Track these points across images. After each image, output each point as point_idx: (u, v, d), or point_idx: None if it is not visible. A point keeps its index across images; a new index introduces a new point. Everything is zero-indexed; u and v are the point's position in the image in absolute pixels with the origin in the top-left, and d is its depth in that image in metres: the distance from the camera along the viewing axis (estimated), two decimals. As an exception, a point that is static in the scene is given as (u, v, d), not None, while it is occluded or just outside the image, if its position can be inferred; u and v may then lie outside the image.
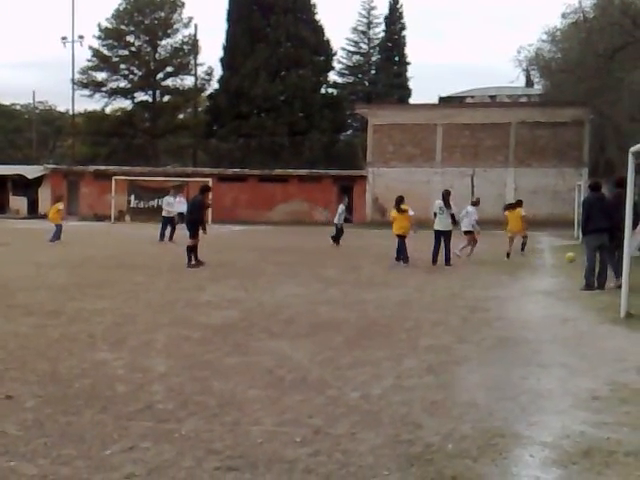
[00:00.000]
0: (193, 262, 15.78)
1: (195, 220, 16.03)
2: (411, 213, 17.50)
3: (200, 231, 15.92)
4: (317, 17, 55.90)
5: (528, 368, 6.55)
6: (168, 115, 59.71)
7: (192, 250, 15.85)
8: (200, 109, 58.10)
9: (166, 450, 4.37)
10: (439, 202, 17.40)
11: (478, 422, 4.90)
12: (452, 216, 17.09)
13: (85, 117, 58.80)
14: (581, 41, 26.51)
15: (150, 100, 59.23)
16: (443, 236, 16.86)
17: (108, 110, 60.37)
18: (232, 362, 6.70)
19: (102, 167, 45.48)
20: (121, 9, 57.34)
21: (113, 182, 40.63)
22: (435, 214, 17.41)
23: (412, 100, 61.65)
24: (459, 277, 14.60)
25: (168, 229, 23.69)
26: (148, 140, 53.76)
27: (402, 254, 16.99)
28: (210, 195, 18.38)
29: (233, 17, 53.16)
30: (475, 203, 20.35)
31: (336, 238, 23.26)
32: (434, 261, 16.79)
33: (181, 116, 62.27)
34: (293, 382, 5.99)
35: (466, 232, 19.11)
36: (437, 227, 17.06)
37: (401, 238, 17.14)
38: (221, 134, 51.70)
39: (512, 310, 10.31)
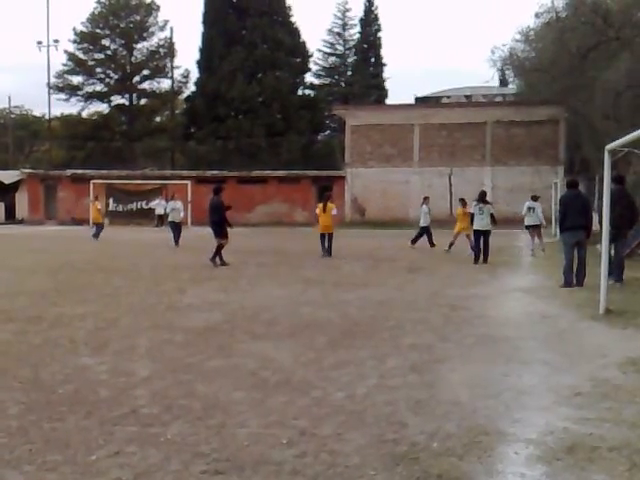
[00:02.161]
0: (219, 261, 16.55)
1: (220, 221, 16.97)
2: (334, 212, 19.21)
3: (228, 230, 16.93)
4: (293, 19, 56.29)
5: (510, 365, 6.60)
6: (145, 118, 59.54)
7: (221, 248, 16.70)
8: (177, 112, 57.97)
9: (152, 454, 4.35)
10: (477, 202, 17.84)
11: (462, 420, 4.93)
12: (492, 215, 17.54)
13: (61, 121, 58.49)
14: (554, 40, 26.69)
15: (127, 103, 59.04)
16: (483, 235, 17.33)
17: (84, 114, 60.29)
18: (215, 365, 6.69)
19: (79, 171, 45.19)
20: (96, 13, 57.11)
21: (91, 186, 40.36)
22: (473, 214, 17.85)
23: (389, 101, 62.07)
24: (439, 276, 14.68)
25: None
26: (125, 143, 53.51)
27: (328, 249, 18.93)
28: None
29: (209, 20, 53.13)
30: (536, 198, 21.56)
31: (429, 239, 22.36)
32: (476, 260, 17.22)
33: (158, 119, 62.14)
34: (277, 384, 5.99)
35: (533, 226, 20.22)
36: (476, 227, 17.54)
37: (326, 235, 18.99)
38: (199, 136, 51.61)
39: (492, 308, 10.38)
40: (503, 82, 48.62)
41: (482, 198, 17.83)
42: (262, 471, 4.08)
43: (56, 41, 52.56)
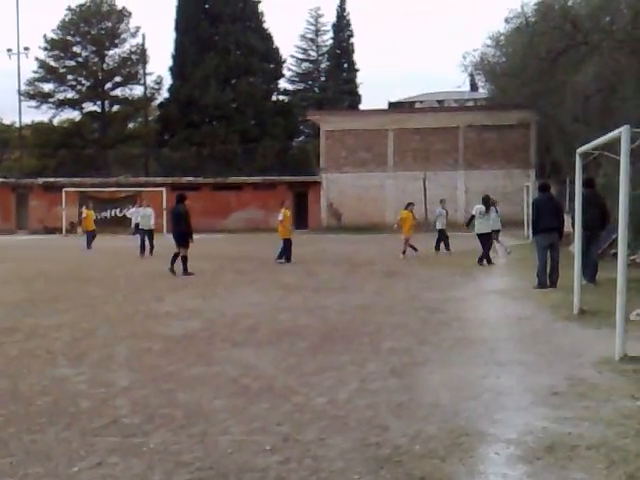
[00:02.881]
0: (171, 269, 16.28)
1: (186, 231, 16.51)
2: (280, 218, 19.41)
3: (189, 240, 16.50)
4: (265, 25, 56.21)
5: (487, 367, 6.67)
6: (118, 125, 59.08)
7: (180, 258, 16.30)
8: (150, 118, 57.63)
9: (135, 465, 4.33)
10: (480, 206, 18.12)
11: (443, 422, 4.99)
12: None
13: (33, 129, 57.84)
14: (524, 45, 26.98)
15: (99, 110, 58.56)
16: (486, 238, 17.82)
17: (56, 121, 59.62)
18: (196, 373, 6.68)
19: (51, 179, 44.76)
20: (67, 20, 56.64)
21: (63, 194, 40.02)
22: (472, 217, 18.34)
23: (362, 106, 62.30)
24: (416, 280, 14.77)
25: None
26: (98, 151, 53.04)
27: (286, 253, 18.95)
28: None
29: (181, 26, 52.98)
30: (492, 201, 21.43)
31: (445, 244, 21.83)
32: (480, 262, 17.65)
33: (131, 126, 61.65)
34: (259, 390, 6.00)
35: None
36: (479, 231, 17.87)
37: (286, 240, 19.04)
38: (173, 143, 51.38)
39: (469, 310, 10.49)
40: (474, 87, 49.09)
41: (486, 202, 18.18)
42: (246, 478, 4.09)
43: (26, 48, 52.03)
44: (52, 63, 57.07)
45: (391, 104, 51.43)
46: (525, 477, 4.01)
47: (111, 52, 58.07)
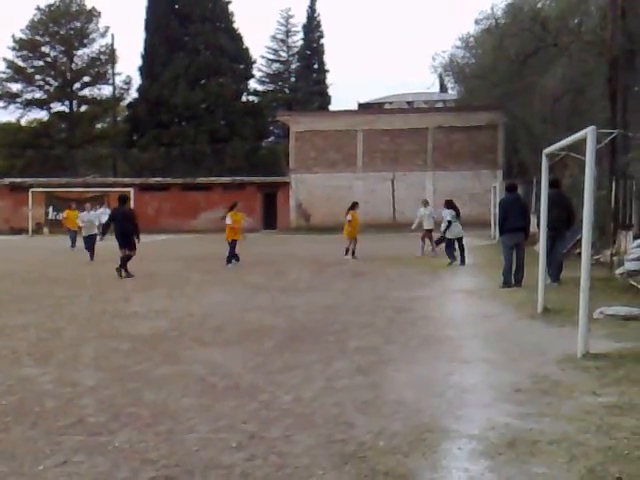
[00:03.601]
0: (124, 273, 15.88)
1: (131, 232, 16.11)
2: (228, 222, 18.70)
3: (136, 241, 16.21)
4: (235, 25, 56.03)
5: (452, 364, 6.76)
6: (86, 125, 58.55)
7: (129, 259, 16.07)
8: (119, 118, 57.18)
9: (100, 463, 4.34)
10: (450, 211, 18.22)
11: (408, 419, 5.05)
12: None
13: (0, 129, 57.07)
14: (494, 47, 27.18)
15: (67, 110, 57.98)
16: (459, 241, 18.04)
17: (23, 121, 58.94)
18: (163, 372, 6.68)
19: (18, 179, 44.25)
20: (36, 20, 56.04)
21: (30, 194, 39.56)
22: (450, 223, 18.16)
23: (332, 107, 62.35)
24: (384, 279, 14.86)
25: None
26: (66, 151, 52.46)
27: (232, 254, 18.35)
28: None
29: (151, 26, 52.66)
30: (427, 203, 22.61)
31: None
32: (463, 263, 17.89)
33: (100, 126, 61.11)
34: (226, 389, 6.02)
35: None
36: (452, 235, 18.08)
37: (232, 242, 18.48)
38: (142, 143, 51.05)
39: (435, 309, 10.59)
40: (444, 88, 49.41)
41: (453, 206, 18.33)
42: (212, 475, 4.12)
43: (-6, 48, 51.57)
44: (20, 63, 56.47)
45: (361, 105, 51.60)
46: (487, 472, 4.08)
47: (80, 52, 57.60)
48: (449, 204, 18.37)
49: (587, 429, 4.74)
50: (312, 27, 64.93)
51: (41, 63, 57.10)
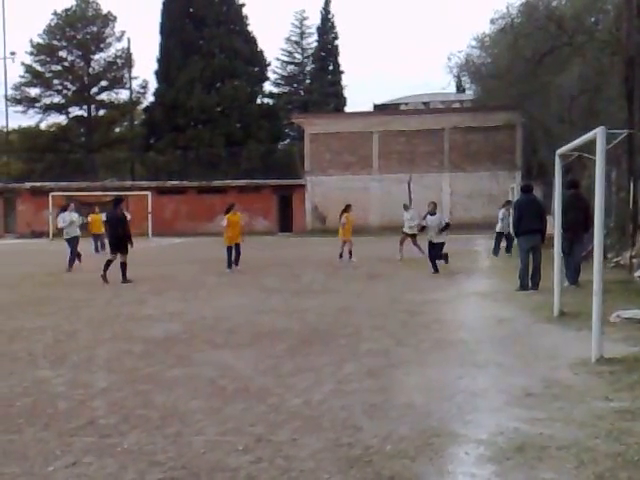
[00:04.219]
0: (103, 277, 15.40)
1: (125, 235, 15.65)
2: (223, 224, 18.19)
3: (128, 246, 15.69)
4: (250, 28, 56.22)
5: (464, 368, 6.72)
6: (104, 129, 59.00)
7: (125, 265, 15.52)
8: (136, 122, 57.54)
9: (109, 464, 4.38)
10: (441, 215, 17.25)
11: (416, 423, 5.03)
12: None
13: (19, 133, 57.66)
14: (509, 46, 27.03)
15: (85, 115, 58.42)
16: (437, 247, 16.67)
17: (43, 126, 59.47)
18: (174, 374, 6.72)
19: (38, 183, 44.65)
20: (53, 24, 56.53)
21: (50, 198, 39.89)
22: (448, 225, 16.89)
23: (347, 108, 62.40)
24: (398, 282, 14.83)
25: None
26: (84, 155, 52.93)
27: (231, 259, 17.73)
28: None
29: (166, 30, 52.95)
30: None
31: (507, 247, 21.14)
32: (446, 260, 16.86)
33: (117, 130, 61.56)
34: (235, 391, 6.04)
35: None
36: (440, 240, 16.65)
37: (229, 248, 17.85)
38: (158, 147, 51.37)
39: (449, 312, 10.53)
40: (461, 88, 49.24)
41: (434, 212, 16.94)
42: (217, 478, 4.14)
43: (13, 53, 52.06)
44: (38, 68, 56.97)
45: (376, 106, 51.52)
46: (493, 477, 4.06)
47: (97, 56, 58.02)
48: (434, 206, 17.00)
49: (597, 434, 4.70)
50: (326, 28, 64.97)
51: (59, 67, 57.58)
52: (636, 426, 4.84)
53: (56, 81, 57.95)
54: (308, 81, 66.50)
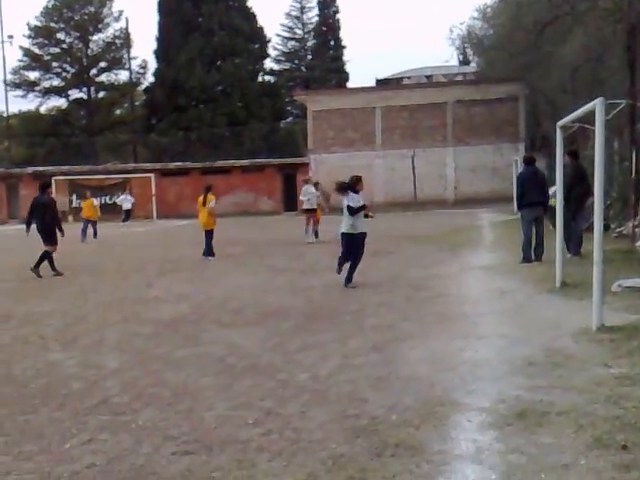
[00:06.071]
0: (53, 271, 14.12)
1: (53, 224, 14.18)
2: (212, 204, 16.91)
3: (58, 235, 14.28)
4: (249, 4, 55.68)
5: (467, 340, 6.85)
6: (105, 111, 58.89)
7: (49, 256, 14.19)
8: (137, 103, 57.42)
9: (124, 440, 4.54)
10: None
11: (420, 394, 5.18)
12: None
13: (20, 118, 57.56)
14: (511, 17, 26.90)
15: (85, 97, 58.32)
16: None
17: (43, 109, 59.47)
18: (184, 354, 6.87)
19: (41, 168, 44.66)
20: (50, 6, 56.25)
21: (53, 182, 39.98)
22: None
23: (350, 84, 61.99)
24: (402, 258, 14.95)
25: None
26: (86, 138, 52.89)
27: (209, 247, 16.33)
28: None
29: (164, 9, 52.62)
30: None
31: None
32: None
33: (118, 112, 61.44)
34: (244, 368, 6.19)
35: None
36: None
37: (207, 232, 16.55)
38: (160, 128, 51.26)
39: (453, 287, 10.65)
40: (463, 61, 48.90)
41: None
42: (229, 450, 4.28)
43: (10, 37, 51.83)
44: (36, 51, 56.81)
45: (378, 81, 51.21)
46: (495, 442, 4.19)
47: (95, 37, 57.81)
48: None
49: (596, 400, 4.82)
50: (327, 2, 64.42)
51: (57, 50, 57.36)
52: (634, 391, 4.96)
53: (55, 64, 57.78)
54: (309, 57, 66.09)
